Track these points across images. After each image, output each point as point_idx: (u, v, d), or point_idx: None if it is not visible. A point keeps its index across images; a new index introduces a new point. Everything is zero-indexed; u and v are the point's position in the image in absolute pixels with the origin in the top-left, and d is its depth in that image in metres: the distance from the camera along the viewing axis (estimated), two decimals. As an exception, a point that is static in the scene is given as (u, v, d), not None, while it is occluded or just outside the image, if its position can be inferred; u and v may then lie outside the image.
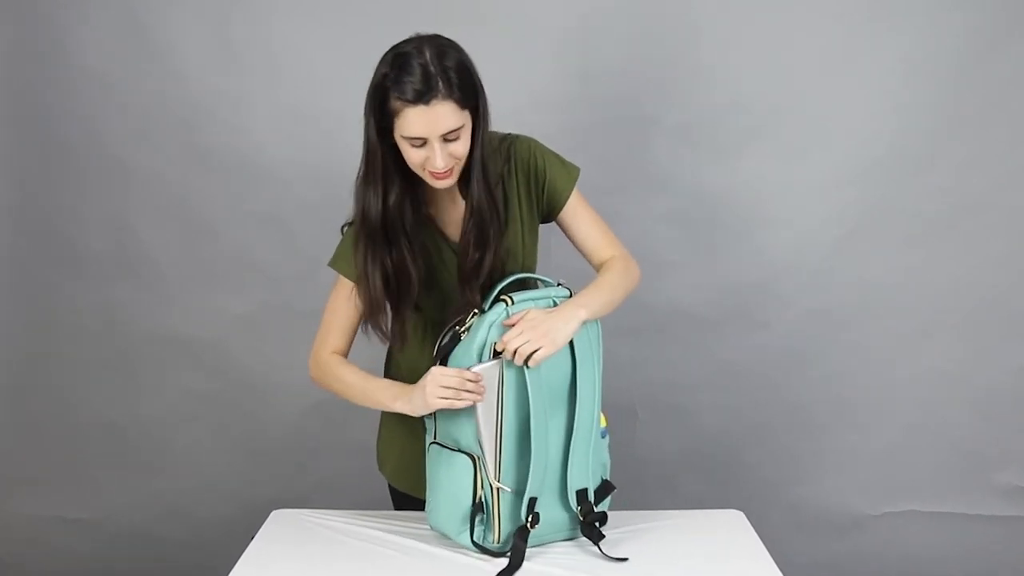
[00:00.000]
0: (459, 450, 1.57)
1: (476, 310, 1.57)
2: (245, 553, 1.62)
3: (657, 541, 1.63)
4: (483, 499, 1.54)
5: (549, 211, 1.72)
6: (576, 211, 1.72)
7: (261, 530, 1.71)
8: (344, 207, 1.89)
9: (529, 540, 1.55)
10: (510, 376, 1.51)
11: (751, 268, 2.36)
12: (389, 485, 1.90)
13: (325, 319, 1.74)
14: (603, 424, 1.65)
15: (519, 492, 1.55)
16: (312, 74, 2.30)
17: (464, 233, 1.61)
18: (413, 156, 1.50)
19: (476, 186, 1.58)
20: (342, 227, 1.72)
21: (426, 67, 1.44)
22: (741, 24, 2.23)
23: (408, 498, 1.82)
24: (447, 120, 1.46)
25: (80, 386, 2.50)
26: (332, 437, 2.49)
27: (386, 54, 1.51)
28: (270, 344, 2.46)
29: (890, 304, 2.35)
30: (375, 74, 1.51)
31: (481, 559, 1.56)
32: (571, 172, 1.72)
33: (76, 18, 2.28)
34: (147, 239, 2.40)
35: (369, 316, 1.65)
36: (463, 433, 1.55)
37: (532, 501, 1.55)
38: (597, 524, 1.60)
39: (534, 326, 1.49)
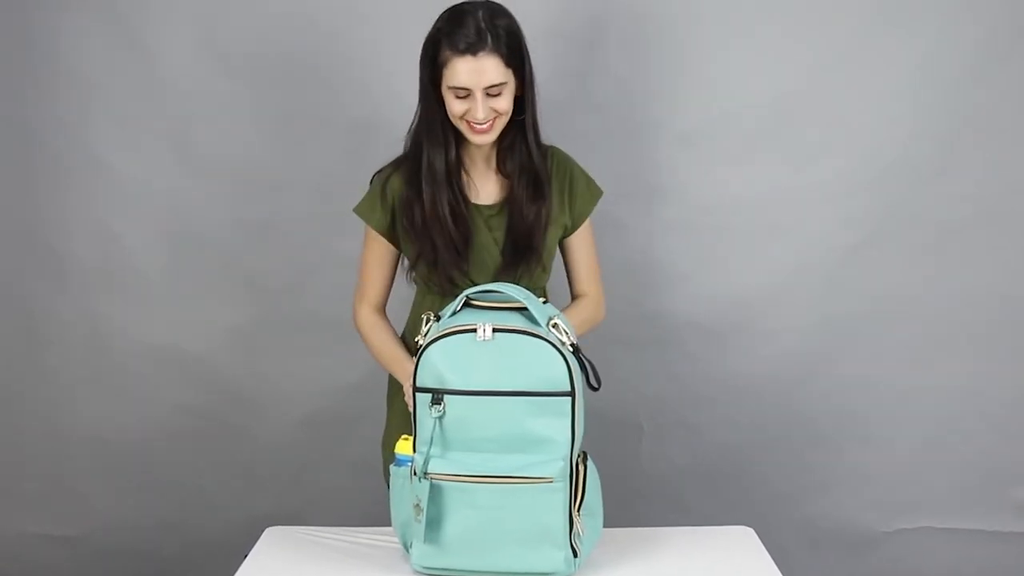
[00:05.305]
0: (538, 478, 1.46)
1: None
2: (239, 572, 1.59)
3: (665, 558, 1.61)
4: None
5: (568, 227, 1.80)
6: (583, 236, 1.82)
7: (255, 548, 1.68)
8: (340, 212, 1.87)
9: None
10: None
11: (760, 277, 2.32)
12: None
13: (360, 272, 1.84)
14: None
15: None
16: (304, 77, 2.26)
17: (515, 192, 1.73)
18: (455, 107, 1.63)
19: (532, 148, 1.71)
20: (372, 177, 1.82)
21: (478, 23, 1.59)
22: (749, 26, 2.20)
23: None
24: (491, 73, 1.59)
25: (66, 400, 2.45)
26: (327, 451, 2.46)
27: (443, 12, 1.65)
28: (262, 357, 2.42)
29: (904, 314, 2.32)
30: (431, 29, 1.65)
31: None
32: (595, 194, 1.83)
33: (61, 20, 2.24)
34: (134, 249, 2.36)
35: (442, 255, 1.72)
36: (554, 448, 1.47)
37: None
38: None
39: None
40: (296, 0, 2.22)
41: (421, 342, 1.51)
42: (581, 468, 1.51)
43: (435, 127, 1.69)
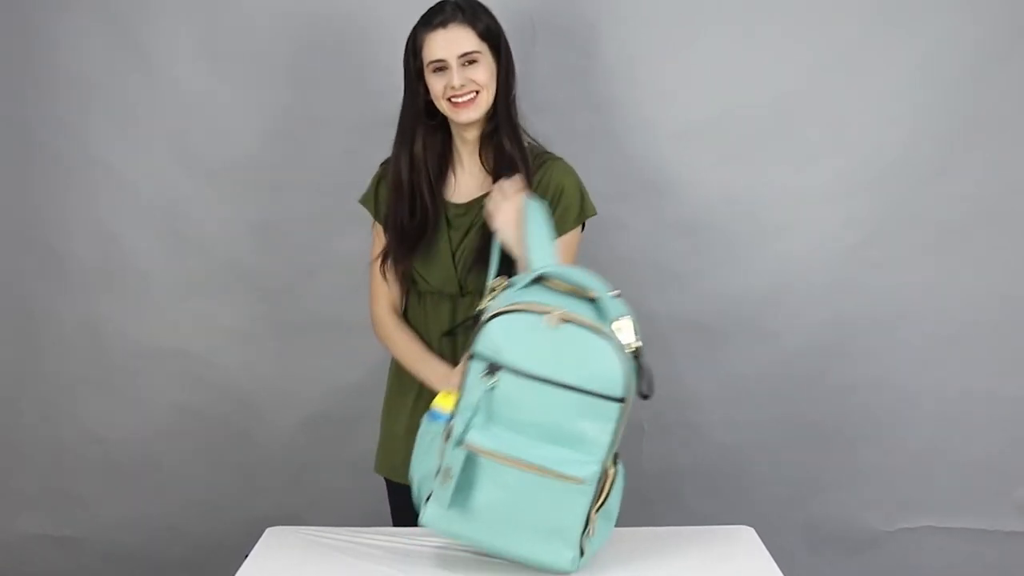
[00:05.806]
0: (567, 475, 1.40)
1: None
2: (239, 572, 1.57)
3: (665, 558, 1.59)
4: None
5: None
6: (560, 249, 1.72)
7: (255, 548, 1.66)
8: (340, 212, 1.87)
9: None
10: None
11: (761, 277, 2.31)
12: (386, 483, 1.88)
13: (371, 270, 1.84)
14: None
15: None
16: (304, 77, 2.26)
17: (496, 181, 1.70)
18: (436, 85, 1.68)
19: (504, 135, 1.72)
20: (381, 164, 1.86)
21: (452, 5, 1.69)
22: (749, 26, 2.19)
23: (401, 489, 1.76)
24: (463, 42, 1.66)
25: (65, 400, 2.44)
26: (327, 452, 2.45)
27: None
28: (262, 357, 2.41)
29: (905, 315, 2.31)
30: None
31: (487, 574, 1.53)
32: (584, 212, 1.78)
33: (61, 20, 2.24)
34: (134, 249, 2.35)
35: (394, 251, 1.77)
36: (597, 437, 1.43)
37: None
38: None
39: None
40: (296, 0, 2.22)
41: (490, 305, 1.46)
42: (611, 471, 1.46)
43: (409, 116, 1.75)
